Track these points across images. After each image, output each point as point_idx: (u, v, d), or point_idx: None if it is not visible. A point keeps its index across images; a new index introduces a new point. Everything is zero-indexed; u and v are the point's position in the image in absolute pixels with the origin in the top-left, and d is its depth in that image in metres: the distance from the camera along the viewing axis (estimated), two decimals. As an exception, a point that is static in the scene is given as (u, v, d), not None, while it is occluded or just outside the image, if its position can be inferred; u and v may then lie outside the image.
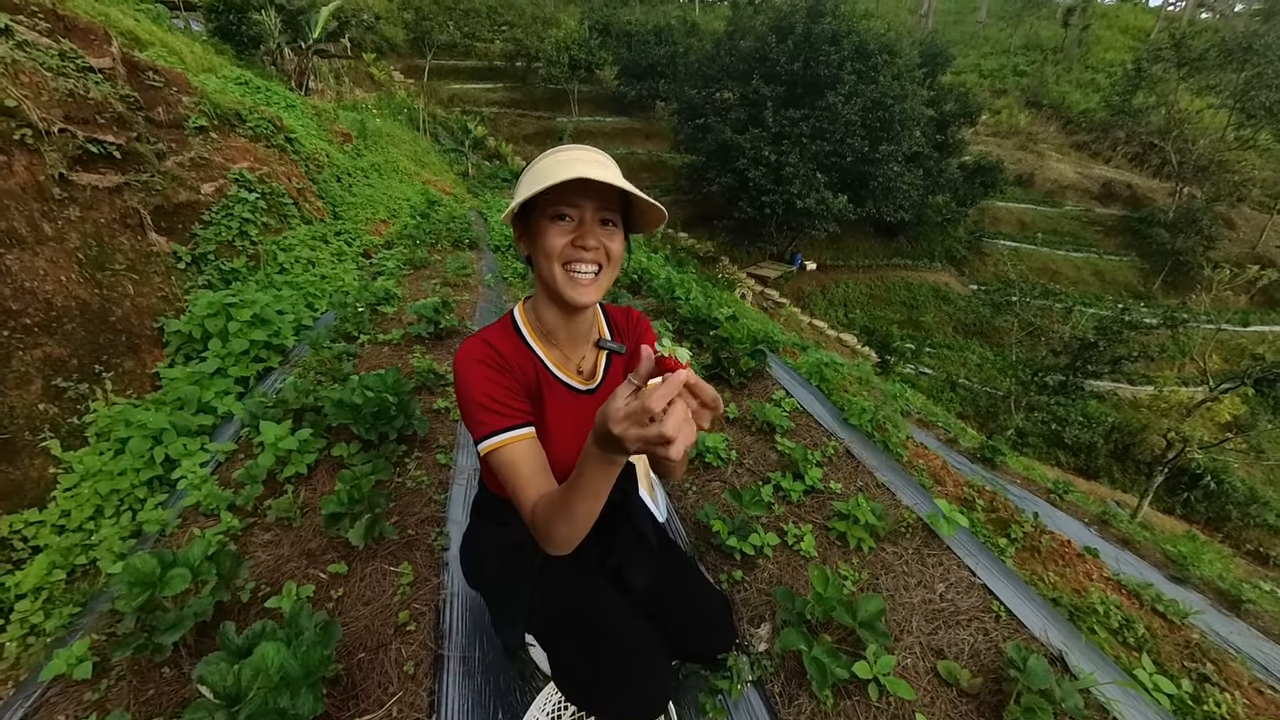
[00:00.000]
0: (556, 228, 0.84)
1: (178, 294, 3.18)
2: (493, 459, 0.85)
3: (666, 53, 23.70)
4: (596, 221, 0.86)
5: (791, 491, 1.82)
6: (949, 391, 15.60)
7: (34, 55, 2.91)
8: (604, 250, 0.86)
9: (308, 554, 1.59)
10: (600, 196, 0.84)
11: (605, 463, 0.69)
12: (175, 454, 2.02)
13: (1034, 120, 30.95)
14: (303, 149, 5.27)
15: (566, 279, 0.86)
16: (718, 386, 2.54)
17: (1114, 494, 14.04)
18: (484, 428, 0.85)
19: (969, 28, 40.46)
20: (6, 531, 1.93)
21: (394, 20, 26.22)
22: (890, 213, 18.82)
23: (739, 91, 18.72)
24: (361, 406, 1.83)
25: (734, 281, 16.76)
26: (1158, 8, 44.59)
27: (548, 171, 0.81)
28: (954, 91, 22.78)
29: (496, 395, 0.86)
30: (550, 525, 0.79)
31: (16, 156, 2.67)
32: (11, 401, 2.17)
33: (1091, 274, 23.33)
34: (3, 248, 2.37)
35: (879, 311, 19.47)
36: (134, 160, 3.32)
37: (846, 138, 17.13)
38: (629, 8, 34.09)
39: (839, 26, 17.12)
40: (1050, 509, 4.51)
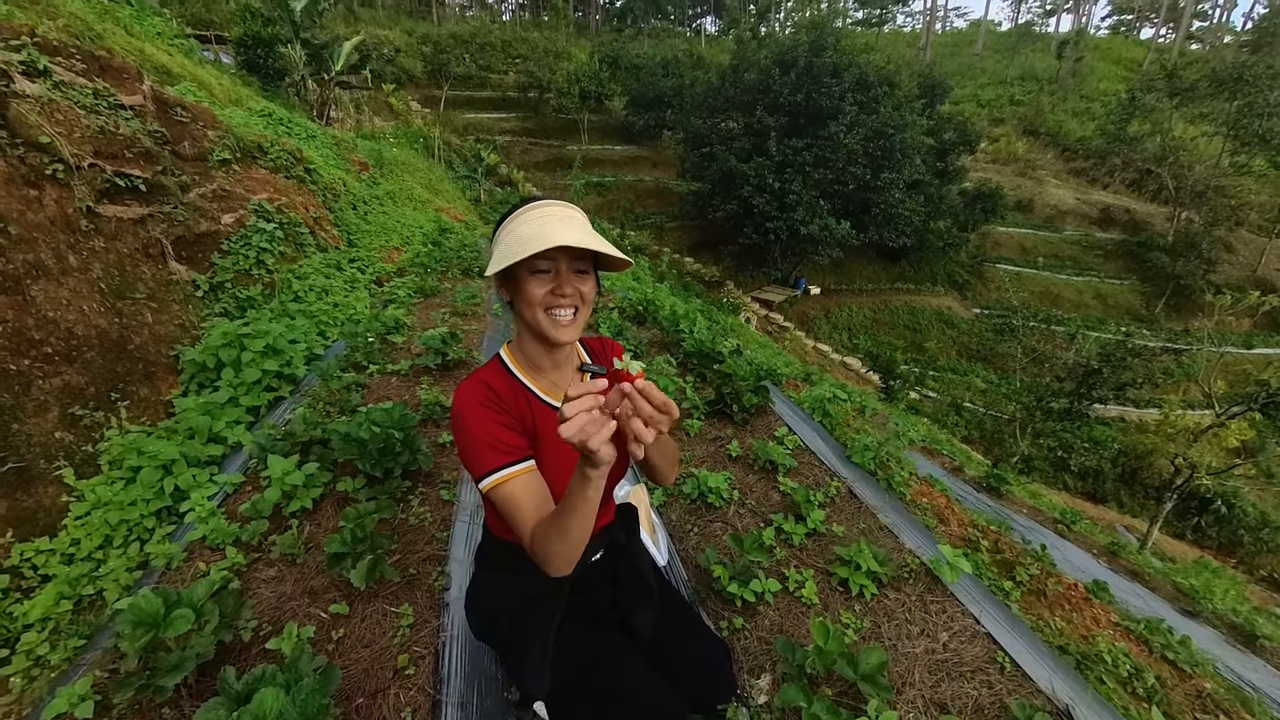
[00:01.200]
0: (536, 279, 0.91)
1: (195, 321, 3.22)
2: (495, 494, 0.88)
3: (673, 84, 24.19)
4: (571, 271, 0.92)
5: (793, 535, 1.79)
6: (954, 415, 15.43)
7: (69, 94, 3.00)
8: (579, 295, 0.93)
9: (310, 592, 1.57)
10: (573, 250, 0.91)
11: (580, 474, 0.74)
12: (185, 485, 2.02)
13: (1032, 148, 31.21)
14: (321, 179, 5.38)
15: (549, 321, 0.93)
16: (721, 423, 2.53)
17: (1123, 519, 13.73)
18: (485, 465, 0.88)
19: (966, 60, 41.11)
20: (18, 560, 1.92)
21: (413, 53, 27.00)
22: (892, 238, 18.92)
23: (743, 121, 19.03)
24: (368, 441, 1.83)
25: (739, 305, 16.81)
26: (1149, 39, 45.18)
27: (527, 236, 0.87)
28: (953, 120, 23.06)
29: (496, 434, 0.90)
30: (548, 544, 0.82)
31: (47, 190, 2.74)
32: (29, 430, 2.19)
33: (1094, 297, 23.24)
34: (29, 279, 2.41)
35: (883, 335, 19.41)
36: (159, 192, 3.40)
37: (849, 166, 17.31)
38: (638, 42, 34.96)
39: (840, 60, 17.45)
40: (1058, 540, 4.41)
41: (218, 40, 16.78)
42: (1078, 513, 5.59)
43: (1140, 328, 21.54)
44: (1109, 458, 14.58)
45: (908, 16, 54.51)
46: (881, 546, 1.75)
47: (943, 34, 50.84)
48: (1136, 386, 8.90)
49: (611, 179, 23.99)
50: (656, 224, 22.05)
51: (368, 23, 30.00)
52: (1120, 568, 4.43)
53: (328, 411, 2.37)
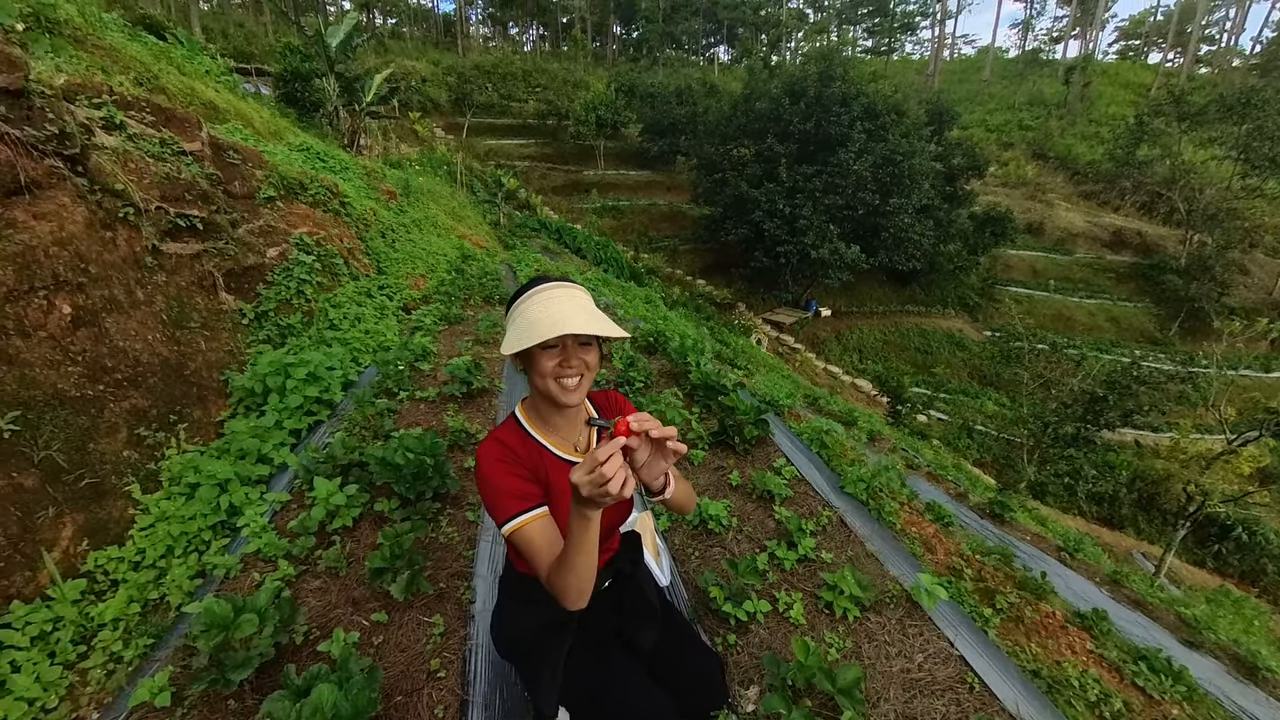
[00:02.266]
0: (546, 354, 1.04)
1: (241, 348, 3.47)
2: (515, 538, 1.00)
3: (687, 112, 24.74)
4: (576, 345, 1.05)
5: (785, 560, 1.93)
6: (965, 438, 15.28)
7: (140, 145, 3.31)
8: (584, 364, 1.06)
9: (353, 602, 1.74)
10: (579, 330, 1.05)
11: (581, 516, 0.85)
12: (238, 502, 2.22)
13: (1041, 171, 31.17)
14: (354, 211, 5.69)
15: (558, 388, 1.05)
16: (723, 453, 2.67)
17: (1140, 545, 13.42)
18: (505, 512, 1.00)
19: (974, 86, 41.37)
20: (92, 565, 2.12)
21: (438, 83, 27.96)
22: (902, 262, 18.98)
23: (754, 148, 19.38)
24: (403, 467, 2.02)
25: (750, 327, 16.93)
26: (1156, 64, 45.06)
27: (536, 319, 1.01)
28: (962, 145, 23.21)
29: (513, 485, 1.03)
30: (561, 580, 0.93)
31: (119, 231, 3.02)
32: (103, 448, 2.41)
33: (1106, 320, 22.97)
34: (104, 313, 2.67)
35: (893, 357, 19.35)
36: (213, 230, 3.68)
37: (858, 191, 17.51)
38: (653, 71, 35.79)
39: (848, 90, 17.77)
40: (1060, 567, 4.42)
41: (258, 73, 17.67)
42: (1081, 540, 5.58)
43: (1154, 351, 21.20)
44: (1124, 482, 14.29)
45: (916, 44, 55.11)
46: (866, 573, 1.87)
47: (951, 61, 51.24)
48: (1143, 414, 8.81)
49: (626, 203, 24.46)
50: (670, 247, 22.38)
51: (397, 54, 31.18)
52: (1123, 597, 4.42)
53: (363, 436, 2.57)
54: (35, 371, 2.24)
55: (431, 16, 51.57)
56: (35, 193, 2.58)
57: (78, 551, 2.18)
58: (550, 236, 17.51)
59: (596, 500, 0.80)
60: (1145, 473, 14.90)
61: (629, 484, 0.79)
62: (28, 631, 1.80)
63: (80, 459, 2.30)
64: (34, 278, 2.33)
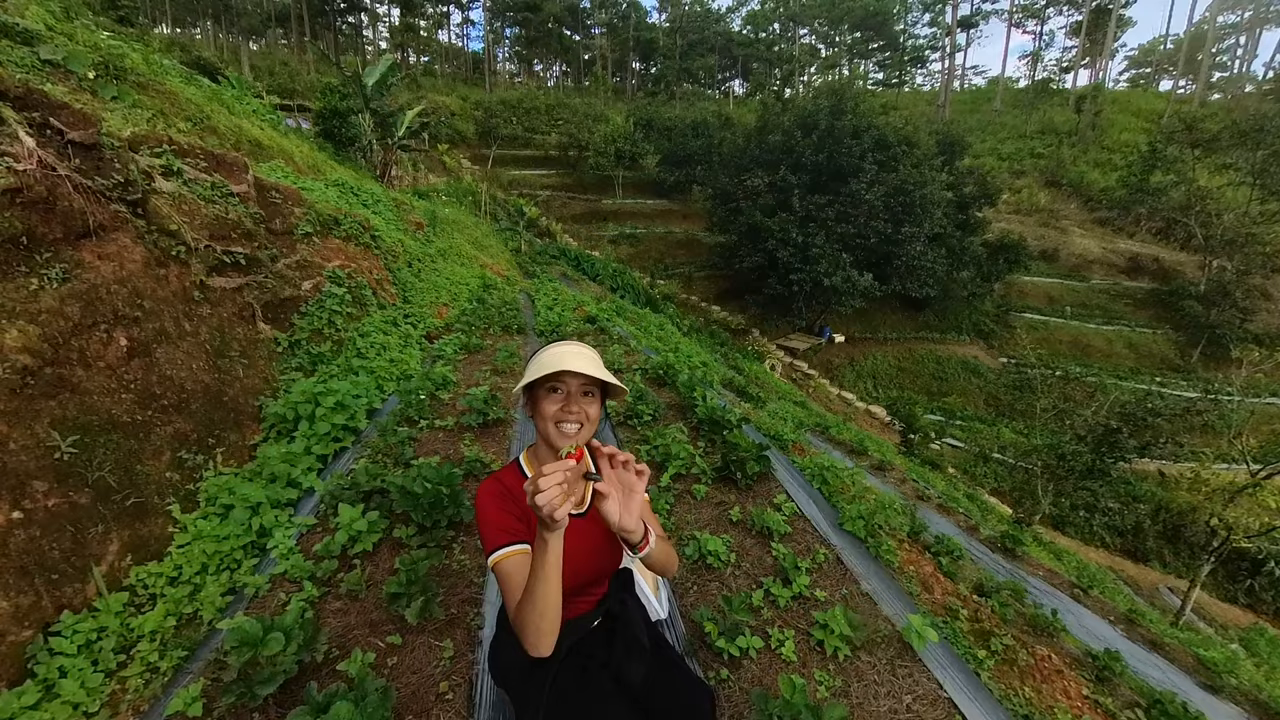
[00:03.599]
0: (551, 398, 1.13)
1: (275, 375, 3.64)
2: (496, 569, 1.07)
3: (702, 144, 25.24)
4: (580, 393, 1.14)
5: (780, 597, 1.96)
6: (982, 465, 14.92)
7: (193, 189, 3.56)
8: (584, 414, 1.14)
9: (370, 624, 1.83)
10: (582, 377, 1.14)
11: (540, 540, 0.92)
12: (268, 524, 2.33)
13: (1054, 198, 30.89)
14: (383, 243, 5.94)
15: (557, 432, 1.13)
16: (726, 488, 2.72)
17: (1166, 580, 12.85)
18: (491, 544, 1.08)
19: (985, 115, 41.45)
20: (134, 580, 2.25)
21: (466, 117, 29.03)
22: (915, 289, 18.89)
23: (768, 179, 19.65)
24: (420, 496, 2.12)
25: (764, 353, 16.93)
26: (1168, 91, 44.60)
27: (548, 362, 1.11)
28: (974, 174, 23.20)
29: (503, 521, 1.10)
30: (522, 614, 0.97)
31: (172, 268, 3.23)
32: (148, 470, 2.56)
33: (1125, 347, 22.41)
34: (155, 344, 2.85)
35: (908, 384, 19.10)
36: (254, 265, 3.91)
37: (870, 220, 17.58)
38: (670, 105, 36.71)
39: (859, 122, 17.99)
40: (1072, 604, 4.30)
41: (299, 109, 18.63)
42: (1097, 576, 5.43)
43: (1176, 378, 20.59)
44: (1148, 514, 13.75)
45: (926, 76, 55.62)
46: (859, 612, 1.89)
47: (961, 91, 51.53)
48: (1160, 445, 8.55)
49: (643, 231, 24.86)
50: (685, 274, 22.62)
51: (429, 90, 32.52)
52: (1138, 636, 4.27)
53: (385, 463, 2.69)
54: (94, 399, 2.41)
55: (462, 54, 53.82)
56: (101, 235, 2.81)
57: (122, 566, 2.31)
58: (569, 263, 17.86)
59: (544, 519, 0.86)
60: (1169, 504, 14.35)
61: (560, 507, 0.85)
62: (75, 640, 1.92)
63: (128, 480, 2.44)
64: (97, 313, 2.53)
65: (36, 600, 1.97)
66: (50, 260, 2.44)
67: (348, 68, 15.42)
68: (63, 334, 2.33)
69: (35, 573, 2.00)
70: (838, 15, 45.37)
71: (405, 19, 45.29)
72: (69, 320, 2.37)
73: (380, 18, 48.92)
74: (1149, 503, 14.21)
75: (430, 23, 49.04)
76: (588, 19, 49.24)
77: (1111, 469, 8.61)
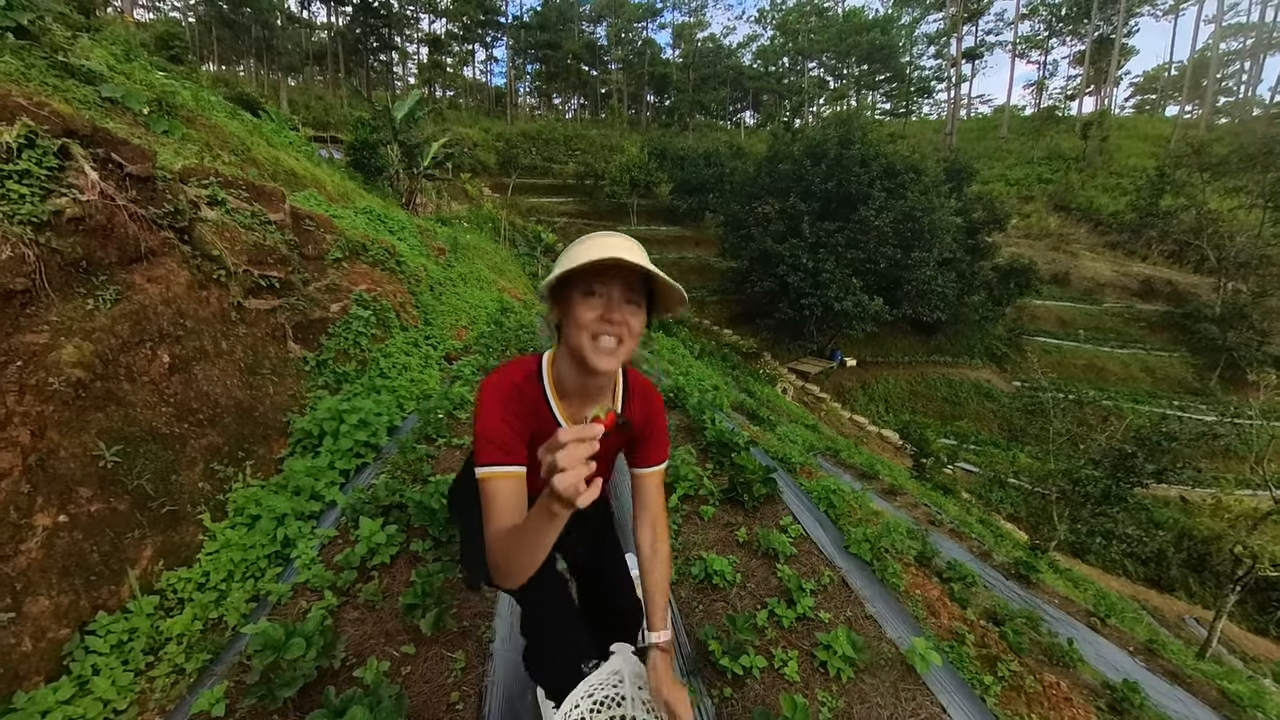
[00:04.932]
0: (587, 302, 0.92)
1: (303, 392, 3.76)
2: (483, 486, 0.92)
3: (714, 173, 25.64)
4: (622, 300, 0.93)
5: (784, 618, 1.95)
6: (998, 490, 14.54)
7: (235, 217, 3.74)
8: (627, 326, 0.93)
9: (386, 633, 1.86)
10: (627, 279, 0.92)
11: (545, 510, 0.73)
12: (292, 535, 2.40)
13: (1064, 222, 30.63)
14: (408, 268, 6.13)
15: (593, 347, 0.92)
16: (733, 509, 2.71)
17: (1191, 610, 12.28)
18: (483, 457, 0.93)
19: (992, 143, 41.55)
20: (164, 584, 2.32)
21: (488, 147, 29.93)
22: (926, 313, 18.77)
23: (778, 206, 19.85)
24: (437, 512, 2.17)
25: (775, 377, 16.85)
26: (1174, 116, 44.26)
27: (586, 252, 0.90)
28: (982, 199, 23.18)
29: (502, 435, 0.94)
30: (499, 549, 0.85)
31: (212, 290, 3.38)
32: (182, 480, 2.66)
33: (1141, 370, 21.87)
34: (195, 361, 2.98)
35: (920, 407, 18.83)
36: (287, 288, 4.06)
37: (880, 246, 17.61)
38: (683, 136, 37.46)
39: (867, 151, 18.18)
40: (1089, 634, 4.16)
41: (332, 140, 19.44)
42: (1116, 605, 5.25)
43: (1195, 401, 20.00)
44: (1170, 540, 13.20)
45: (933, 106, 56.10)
46: (863, 634, 1.87)
47: (968, 120, 51.79)
48: (1177, 470, 8.29)
49: (656, 256, 24.95)
50: (698, 298, 22.75)
51: (453, 122, 33.64)
52: (1158, 668, 4.11)
53: (404, 479, 2.75)
54: (137, 411, 2.52)
55: (485, 89, 55.74)
56: (150, 259, 2.97)
57: (154, 571, 2.38)
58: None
59: (558, 496, 0.68)
60: (1192, 531, 13.80)
61: (586, 489, 0.67)
62: (108, 639, 1.98)
63: (164, 488, 2.53)
64: (144, 332, 2.66)
65: (75, 600, 2.05)
66: (105, 282, 2.59)
67: (378, 102, 16.09)
68: (113, 350, 2.46)
69: (76, 574, 2.08)
70: (845, 49, 46.23)
71: (433, 56, 47.21)
72: (119, 338, 2.50)
73: (409, 56, 51.06)
74: (1171, 529, 13.68)
75: (456, 60, 51.03)
76: (605, 55, 50.83)
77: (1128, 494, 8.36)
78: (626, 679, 1.13)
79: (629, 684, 1.13)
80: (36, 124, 2.47)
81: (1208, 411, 18.20)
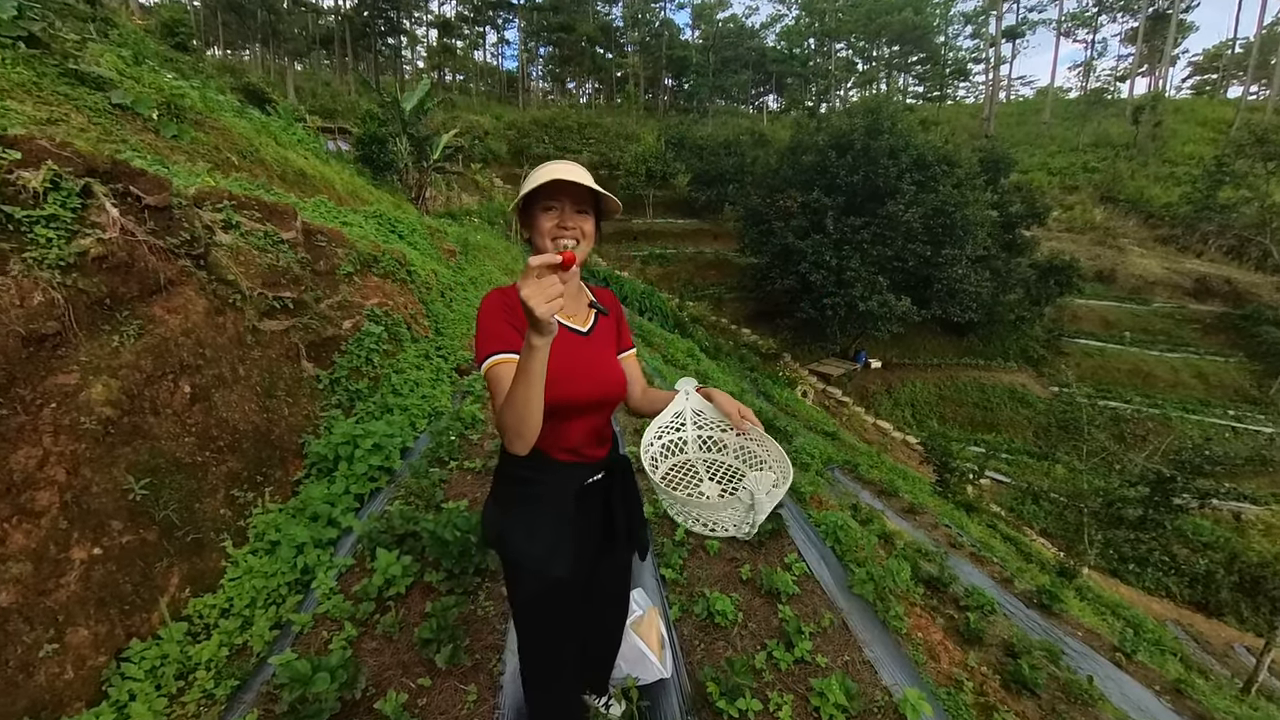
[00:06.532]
0: (546, 214, 1.21)
1: (316, 412, 3.97)
2: (488, 375, 1.15)
3: (734, 163, 25.59)
4: (574, 210, 1.22)
5: (782, 661, 2.07)
6: (1030, 504, 14.39)
7: (249, 240, 3.96)
8: (580, 229, 1.22)
9: (403, 665, 2.05)
10: (575, 193, 1.21)
11: (528, 346, 0.97)
12: (311, 563, 2.60)
13: (1110, 215, 29.91)
14: (418, 277, 6.35)
15: (554, 248, 1.19)
16: (737, 543, 2.84)
17: (1242, 637, 12.06)
18: (485, 350, 1.16)
19: (1033, 128, 40.67)
20: (192, 611, 2.53)
21: (499, 136, 30.22)
22: (957, 313, 18.57)
23: (801, 199, 19.76)
24: (450, 544, 2.35)
25: (795, 379, 16.86)
26: (1236, 99, 42.60)
27: (540, 176, 1.19)
28: (1021, 190, 22.76)
29: (501, 330, 1.17)
30: (503, 418, 1.05)
31: (228, 315, 3.61)
32: (205, 508, 2.88)
33: (1192, 376, 21.35)
34: (214, 389, 3.20)
35: (949, 413, 18.66)
36: (300, 307, 4.29)
37: (908, 243, 17.46)
38: (702, 123, 37.35)
39: (896, 141, 18.00)
40: (1114, 670, 4.20)
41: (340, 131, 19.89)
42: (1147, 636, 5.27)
43: (1253, 411, 19.49)
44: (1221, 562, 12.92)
45: (970, 89, 55.00)
46: (858, 681, 1.99)
47: (1007, 103, 50.73)
48: (1221, 496, 8.15)
49: (673, 251, 25.22)
50: (715, 295, 22.79)
51: (463, 108, 34.02)
52: (1187, 710, 4.13)
53: (417, 504, 2.94)
54: (162, 443, 2.74)
55: (496, 73, 56.13)
56: (169, 290, 3.19)
57: (181, 598, 2.60)
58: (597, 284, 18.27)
59: (532, 319, 0.91)
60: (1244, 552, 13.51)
61: (545, 304, 0.90)
62: (142, 665, 2.20)
63: (189, 517, 2.76)
64: (166, 364, 2.88)
65: (111, 629, 2.27)
66: (128, 317, 2.80)
67: (387, 91, 16.39)
68: (138, 385, 2.68)
69: (111, 603, 2.31)
70: (875, 29, 45.59)
71: (443, 40, 47.67)
72: (143, 373, 2.72)
73: (418, 40, 51.63)
74: (1222, 550, 13.42)
75: (466, 43, 51.47)
76: (621, 38, 50.81)
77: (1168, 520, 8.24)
78: (687, 418, 1.42)
79: (690, 426, 1.42)
80: (59, 165, 2.69)
81: (1266, 422, 17.76)
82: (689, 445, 1.44)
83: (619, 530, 1.39)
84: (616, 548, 1.45)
